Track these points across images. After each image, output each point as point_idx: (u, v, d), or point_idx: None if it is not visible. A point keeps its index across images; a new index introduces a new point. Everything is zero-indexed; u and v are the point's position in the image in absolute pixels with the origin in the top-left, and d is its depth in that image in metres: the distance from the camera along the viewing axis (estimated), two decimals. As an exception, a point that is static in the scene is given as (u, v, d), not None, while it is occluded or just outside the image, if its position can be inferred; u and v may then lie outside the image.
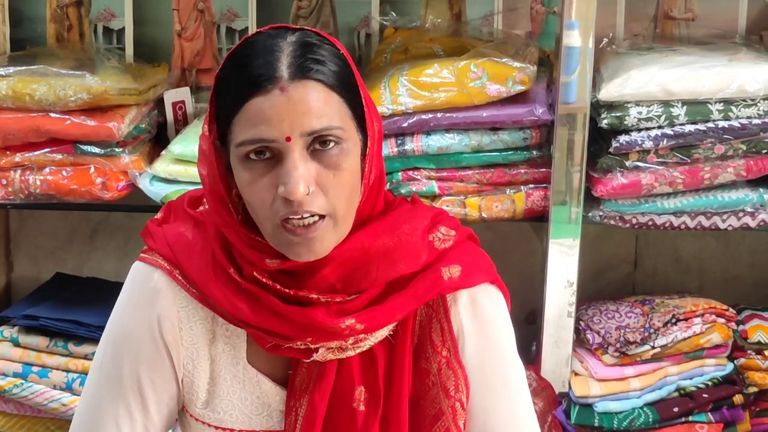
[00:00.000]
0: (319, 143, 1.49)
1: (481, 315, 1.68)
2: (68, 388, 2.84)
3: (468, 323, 1.67)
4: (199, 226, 1.66)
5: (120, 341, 1.67)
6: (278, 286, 1.57)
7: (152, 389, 1.66)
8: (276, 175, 1.49)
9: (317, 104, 1.48)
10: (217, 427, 1.69)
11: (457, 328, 1.67)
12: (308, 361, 1.61)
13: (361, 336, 1.59)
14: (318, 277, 1.57)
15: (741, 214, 2.71)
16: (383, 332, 1.62)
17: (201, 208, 1.71)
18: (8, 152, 2.79)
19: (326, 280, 1.57)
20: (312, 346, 1.59)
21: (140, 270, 1.68)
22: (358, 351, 1.62)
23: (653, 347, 2.73)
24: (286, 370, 1.67)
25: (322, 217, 1.50)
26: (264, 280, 1.57)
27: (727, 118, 2.62)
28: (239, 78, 1.50)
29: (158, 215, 1.74)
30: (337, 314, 1.57)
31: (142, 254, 1.69)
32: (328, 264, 1.56)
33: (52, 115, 2.74)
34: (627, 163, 2.65)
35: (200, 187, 1.71)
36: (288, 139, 1.46)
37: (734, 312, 2.83)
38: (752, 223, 2.71)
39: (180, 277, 1.64)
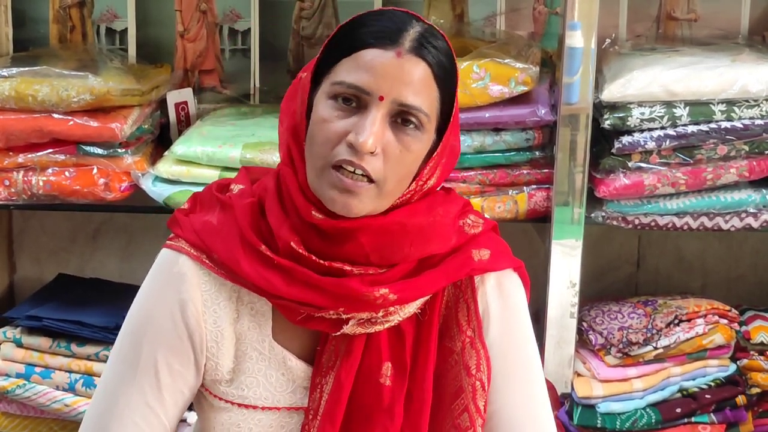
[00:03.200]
0: (402, 119, 1.57)
1: (507, 298, 1.73)
2: (71, 388, 2.84)
3: (494, 305, 1.72)
4: (226, 209, 1.70)
5: (141, 325, 1.69)
6: (314, 257, 1.61)
7: (169, 374, 1.67)
8: (352, 124, 1.56)
9: (419, 85, 1.57)
10: (240, 405, 1.71)
11: (483, 309, 1.72)
12: (337, 334, 1.65)
13: (391, 309, 1.63)
14: (354, 243, 1.61)
15: (744, 215, 2.71)
16: (411, 308, 1.66)
17: (228, 193, 1.74)
18: (11, 153, 2.79)
19: (362, 248, 1.61)
20: (343, 317, 1.62)
21: (166, 256, 1.71)
22: (386, 326, 1.66)
23: (656, 348, 2.73)
24: (312, 346, 1.70)
25: (371, 181, 1.56)
26: (300, 250, 1.61)
27: (729, 119, 2.62)
28: (366, 29, 1.59)
29: (185, 206, 1.77)
30: (370, 284, 1.61)
31: (168, 241, 1.72)
32: (365, 231, 1.61)
33: (55, 115, 2.74)
34: (630, 164, 2.65)
35: (213, 182, 1.79)
36: (381, 98, 1.55)
37: (737, 313, 2.83)
38: (755, 224, 2.71)
39: (208, 261, 1.67)
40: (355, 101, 1.56)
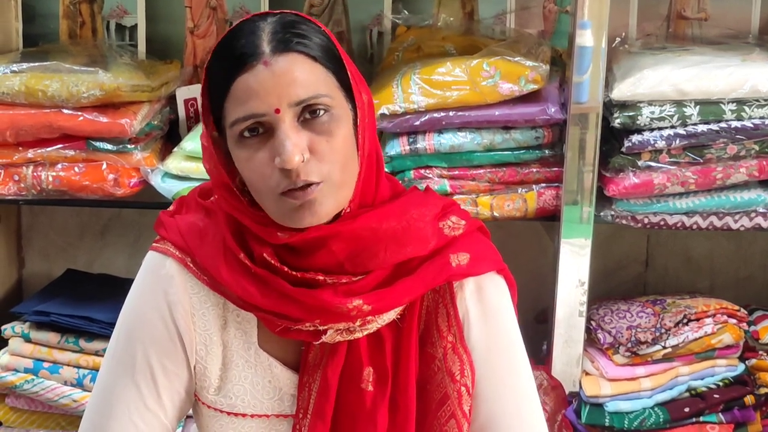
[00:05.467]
0: (309, 113, 1.53)
1: (486, 302, 1.70)
2: (79, 384, 2.84)
3: (473, 309, 1.70)
4: (210, 214, 1.69)
5: (133, 327, 1.69)
6: (286, 269, 1.59)
7: (164, 375, 1.67)
8: (271, 149, 1.53)
9: (302, 75, 1.52)
10: (229, 413, 1.71)
11: (463, 313, 1.69)
12: (317, 343, 1.64)
13: (369, 318, 1.61)
14: (326, 252, 1.59)
15: (753, 215, 2.70)
16: (390, 315, 1.64)
17: (212, 198, 1.73)
18: (21, 148, 2.80)
19: (335, 256, 1.59)
20: (321, 328, 1.61)
21: (153, 259, 1.71)
22: (365, 333, 1.64)
23: (664, 347, 2.72)
24: (298, 354, 1.69)
25: (318, 183, 1.54)
26: (273, 261, 1.59)
27: (739, 119, 2.61)
28: (225, 61, 1.55)
29: (171, 208, 1.77)
30: (344, 294, 1.59)
31: (154, 244, 1.72)
32: (336, 239, 1.58)
33: (65, 111, 2.75)
34: (639, 163, 2.65)
35: (196, 186, 1.80)
36: (277, 111, 1.51)
37: (746, 312, 2.82)
38: (764, 224, 2.71)
39: (191, 265, 1.67)
40: (259, 127, 1.53)
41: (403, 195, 1.71)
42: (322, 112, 1.53)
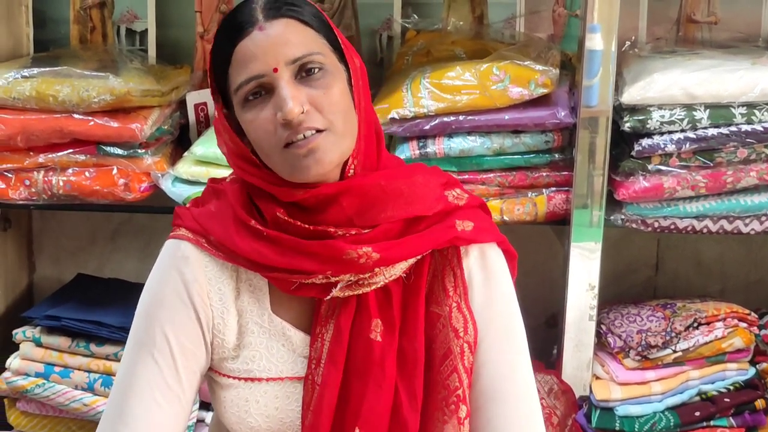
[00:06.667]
0: (304, 71, 1.65)
1: (490, 269, 1.79)
2: (90, 388, 2.85)
3: (477, 274, 1.78)
4: (220, 196, 1.78)
5: (152, 308, 1.74)
6: (298, 223, 1.68)
7: (182, 353, 1.73)
8: (273, 106, 1.64)
9: (294, 37, 1.65)
10: (246, 379, 1.77)
11: (468, 277, 1.78)
12: (328, 298, 1.71)
13: (376, 270, 1.69)
14: (337, 208, 1.68)
15: (764, 218, 2.70)
16: (396, 271, 1.73)
17: (222, 181, 1.83)
18: (32, 153, 2.81)
19: (344, 212, 1.69)
20: (332, 279, 1.69)
21: (169, 245, 1.78)
22: (373, 287, 1.72)
23: (675, 351, 2.72)
24: (309, 317, 1.77)
25: (321, 131, 1.63)
26: (286, 218, 1.68)
27: (750, 122, 2.61)
28: (225, 33, 1.68)
29: (187, 205, 1.84)
30: (353, 242, 1.68)
31: (170, 233, 1.79)
32: (347, 194, 1.68)
33: (76, 116, 2.76)
34: (649, 167, 2.64)
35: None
36: (275, 69, 1.63)
37: (756, 316, 2.82)
38: (775, 227, 2.71)
39: (206, 244, 1.75)
40: (261, 89, 1.64)
41: (409, 165, 1.82)
42: (316, 69, 1.65)
